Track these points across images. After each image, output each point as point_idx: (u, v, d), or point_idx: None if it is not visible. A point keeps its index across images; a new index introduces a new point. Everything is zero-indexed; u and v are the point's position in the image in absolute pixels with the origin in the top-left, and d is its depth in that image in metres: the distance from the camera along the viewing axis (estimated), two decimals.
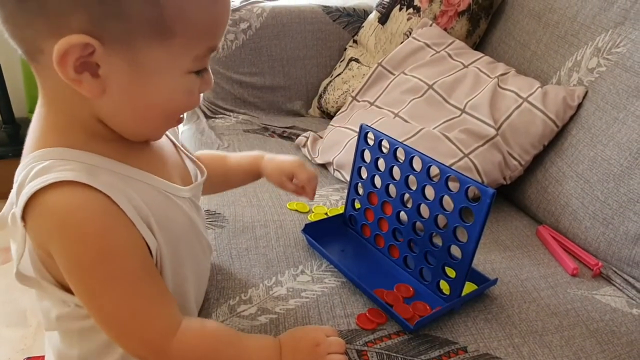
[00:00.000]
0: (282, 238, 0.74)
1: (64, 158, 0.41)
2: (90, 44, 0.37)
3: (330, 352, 0.49)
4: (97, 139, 0.44)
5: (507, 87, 0.93)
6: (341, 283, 0.66)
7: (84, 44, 0.37)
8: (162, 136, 0.51)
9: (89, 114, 0.43)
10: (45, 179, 0.39)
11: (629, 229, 0.72)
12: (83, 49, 0.37)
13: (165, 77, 0.42)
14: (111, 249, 0.41)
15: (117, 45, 0.38)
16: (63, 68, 0.38)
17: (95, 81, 0.40)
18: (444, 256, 0.61)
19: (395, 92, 1.03)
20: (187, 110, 0.48)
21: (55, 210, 0.39)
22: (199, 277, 0.58)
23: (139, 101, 0.42)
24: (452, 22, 1.14)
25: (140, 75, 0.41)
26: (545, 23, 0.98)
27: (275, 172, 0.68)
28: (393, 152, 0.66)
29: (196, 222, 0.53)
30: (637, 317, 0.65)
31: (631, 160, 0.74)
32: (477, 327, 0.60)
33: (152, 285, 0.45)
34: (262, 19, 1.24)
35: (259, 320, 0.58)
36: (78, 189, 0.39)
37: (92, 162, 0.42)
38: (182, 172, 0.55)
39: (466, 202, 0.58)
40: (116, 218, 0.41)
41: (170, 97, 0.43)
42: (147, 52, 0.40)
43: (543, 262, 0.75)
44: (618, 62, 0.81)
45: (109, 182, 0.41)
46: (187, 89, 0.44)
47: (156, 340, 0.45)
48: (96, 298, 0.43)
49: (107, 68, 0.39)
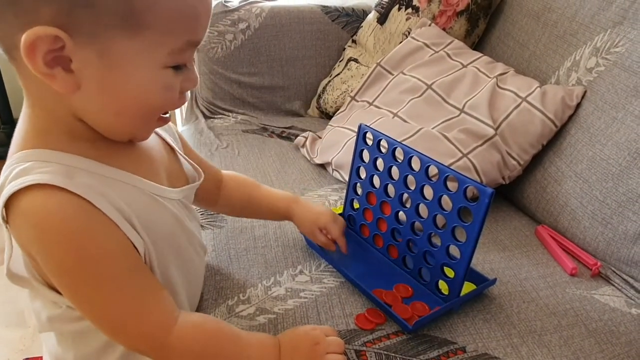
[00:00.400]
0: (280, 238, 0.74)
1: (45, 160, 0.41)
2: (59, 37, 0.37)
3: (329, 352, 0.49)
4: (78, 140, 0.44)
5: (506, 87, 0.93)
6: (340, 283, 0.66)
7: (52, 36, 0.36)
8: (147, 136, 0.49)
9: (67, 112, 0.42)
10: (23, 181, 0.39)
11: (627, 228, 0.72)
12: (52, 42, 0.37)
13: (138, 71, 0.41)
14: (91, 251, 0.41)
15: (86, 37, 0.38)
16: (32, 61, 0.37)
17: (69, 76, 0.39)
18: (443, 256, 0.61)
19: (394, 92, 1.02)
20: (169, 108, 0.46)
21: (30, 214, 0.39)
22: (190, 279, 0.57)
23: (113, 96, 0.41)
24: (451, 22, 1.14)
25: (112, 69, 0.40)
26: (544, 23, 0.98)
27: (307, 222, 0.68)
28: (392, 152, 0.66)
29: (185, 224, 0.53)
30: (636, 317, 0.65)
31: (630, 160, 0.74)
32: (476, 327, 0.59)
33: (141, 281, 0.45)
34: (260, 19, 1.24)
35: (257, 321, 0.58)
36: (54, 192, 0.39)
37: (72, 163, 0.42)
38: (174, 174, 0.54)
39: (465, 202, 0.58)
40: (94, 220, 0.41)
41: (145, 93, 0.42)
42: (117, 45, 0.39)
43: (542, 262, 0.75)
44: (617, 61, 0.81)
45: (87, 184, 0.41)
46: (164, 85, 0.43)
47: (154, 333, 0.45)
48: (84, 300, 0.43)
49: (79, 62, 0.39)
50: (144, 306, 0.44)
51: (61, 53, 0.38)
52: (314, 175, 0.96)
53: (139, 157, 0.50)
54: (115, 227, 0.42)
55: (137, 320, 0.44)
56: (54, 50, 0.37)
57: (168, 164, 0.54)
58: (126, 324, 0.44)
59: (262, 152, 1.05)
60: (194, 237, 0.56)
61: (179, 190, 0.52)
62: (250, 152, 1.04)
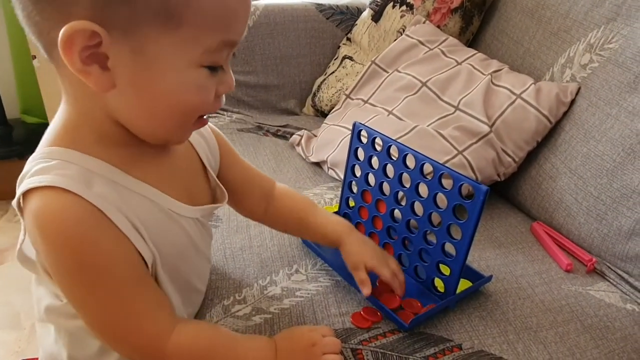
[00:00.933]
0: (276, 237, 0.74)
1: (68, 160, 0.41)
2: (96, 32, 0.36)
3: (325, 352, 0.49)
4: (106, 143, 0.43)
5: (501, 84, 0.93)
6: (336, 282, 0.65)
7: (89, 31, 0.36)
8: (183, 140, 0.48)
9: (101, 112, 0.42)
10: (40, 180, 0.39)
11: (622, 224, 0.72)
12: (89, 38, 0.37)
13: (172, 69, 0.40)
14: (93, 258, 0.41)
15: (122, 33, 0.37)
16: (69, 57, 0.37)
17: (104, 74, 0.39)
18: (438, 254, 0.61)
19: (389, 89, 1.02)
20: (204, 111, 0.45)
21: (36, 214, 0.40)
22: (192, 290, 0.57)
23: (147, 95, 0.41)
24: (445, 19, 1.14)
25: (146, 66, 0.39)
26: (538, 20, 0.98)
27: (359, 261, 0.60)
28: (386, 149, 0.66)
29: (197, 242, 0.52)
30: (631, 312, 0.65)
31: (624, 156, 0.74)
32: (472, 324, 0.60)
33: (142, 293, 0.44)
34: (254, 17, 1.23)
35: (253, 321, 0.58)
36: (66, 196, 0.39)
37: (94, 168, 0.42)
38: (199, 190, 0.54)
39: (460, 199, 0.58)
40: (102, 229, 0.41)
41: (178, 92, 0.41)
42: (152, 42, 0.38)
43: (537, 259, 0.75)
44: (610, 57, 0.81)
45: (103, 193, 0.41)
46: (198, 85, 0.41)
47: (149, 345, 0.45)
48: (80, 303, 0.43)
49: (115, 59, 0.38)
50: (142, 316, 0.44)
51: (98, 50, 0.37)
52: (310, 173, 0.96)
53: (163, 168, 0.49)
54: (124, 238, 0.42)
55: (131, 331, 0.44)
56: (91, 46, 0.37)
57: (193, 179, 0.53)
58: (119, 332, 0.44)
59: (258, 150, 1.05)
60: (203, 255, 0.56)
61: (198, 209, 0.51)
62: (246, 151, 1.04)
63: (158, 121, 0.43)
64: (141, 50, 0.38)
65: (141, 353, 0.45)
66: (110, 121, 0.43)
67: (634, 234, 0.71)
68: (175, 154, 0.51)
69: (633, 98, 0.76)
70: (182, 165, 0.52)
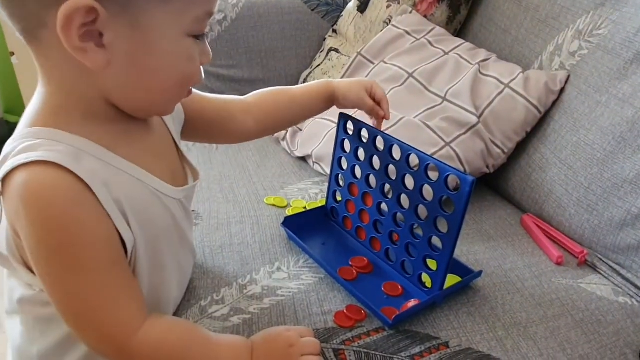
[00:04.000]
0: (258, 234, 0.71)
1: (55, 139, 0.41)
2: (94, 8, 0.37)
3: (304, 354, 0.47)
4: (92, 123, 0.43)
5: (489, 74, 0.90)
6: (319, 279, 0.63)
7: (87, 7, 0.36)
8: (171, 111, 0.49)
9: (91, 90, 0.42)
10: (28, 157, 0.39)
11: (613, 214, 0.70)
12: (86, 15, 0.37)
13: (167, 39, 0.41)
14: (74, 238, 0.40)
15: (119, 8, 0.38)
16: (67, 34, 0.37)
17: (100, 51, 0.39)
18: (425, 248, 0.59)
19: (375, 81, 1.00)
20: (195, 82, 0.46)
21: (25, 187, 0.39)
22: (179, 279, 0.56)
23: (144, 68, 0.42)
24: (432, 8, 1.11)
25: (143, 38, 0.40)
26: (526, 7, 0.96)
27: (355, 86, 0.67)
28: (372, 140, 0.64)
29: (182, 225, 0.52)
30: (623, 305, 0.63)
31: (614, 145, 0.72)
32: (460, 320, 0.57)
33: (117, 278, 0.43)
34: (237, 9, 1.20)
35: (231, 322, 0.56)
36: (57, 172, 0.39)
37: (81, 146, 0.42)
38: (176, 171, 0.53)
39: (446, 191, 0.55)
40: (87, 207, 0.40)
41: (173, 63, 0.43)
42: (149, 13, 0.39)
43: (527, 252, 0.73)
44: (600, 44, 0.79)
45: (92, 169, 0.41)
46: (188, 55, 0.43)
47: (116, 335, 0.43)
48: (55, 284, 0.42)
49: (111, 35, 0.39)
50: (113, 304, 0.43)
51: (93, 27, 0.38)
52: (295, 168, 0.93)
53: (148, 148, 0.49)
54: (107, 218, 0.41)
55: (101, 318, 0.43)
56: (87, 23, 0.37)
57: (173, 159, 0.54)
58: (90, 319, 0.43)
59: (242, 146, 1.02)
60: (187, 240, 0.55)
61: (181, 189, 0.51)
62: (229, 147, 1.01)
63: (154, 95, 0.44)
64: (138, 24, 0.39)
65: (106, 343, 0.44)
66: (100, 99, 0.43)
67: (626, 224, 0.69)
68: (156, 132, 0.51)
69: (623, 85, 0.74)
70: (163, 144, 0.52)
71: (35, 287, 0.46)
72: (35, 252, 0.41)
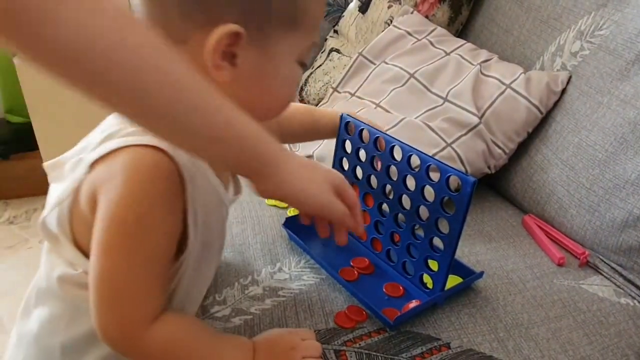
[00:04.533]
0: (259, 235, 0.71)
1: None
2: (241, 34, 0.40)
3: (305, 356, 0.47)
4: None
5: (490, 74, 0.90)
6: (320, 280, 0.63)
7: (237, 32, 0.40)
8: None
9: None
10: (142, 139, 0.41)
11: (615, 215, 0.70)
12: (231, 38, 0.41)
13: (284, 66, 0.45)
14: (151, 221, 0.42)
15: (256, 34, 0.42)
16: (215, 53, 0.41)
17: (231, 69, 0.43)
18: (426, 249, 0.59)
19: (376, 82, 1.00)
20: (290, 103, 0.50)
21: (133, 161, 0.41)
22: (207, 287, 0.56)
23: (263, 88, 0.45)
24: (434, 9, 1.11)
25: (267, 62, 0.44)
26: (528, 7, 0.96)
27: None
28: (373, 141, 0.64)
29: (224, 234, 0.54)
30: (625, 307, 0.63)
31: (616, 145, 0.72)
32: (461, 321, 0.57)
33: (160, 271, 0.44)
34: None
35: (232, 322, 0.56)
36: (162, 158, 0.41)
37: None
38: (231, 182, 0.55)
39: (447, 192, 0.55)
40: (173, 199, 0.42)
41: (286, 86, 0.47)
42: (277, 42, 0.43)
43: (529, 253, 0.73)
44: (601, 45, 0.79)
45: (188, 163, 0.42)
46: (296, 80, 0.48)
47: (135, 322, 0.43)
48: (104, 254, 0.42)
49: (243, 56, 0.42)
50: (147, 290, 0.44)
51: (230, 49, 0.41)
52: None
53: None
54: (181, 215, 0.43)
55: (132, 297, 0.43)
56: (231, 44, 0.41)
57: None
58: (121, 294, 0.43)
59: None
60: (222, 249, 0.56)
61: (233, 198, 0.53)
62: None
63: (259, 112, 0.45)
64: (266, 50, 0.43)
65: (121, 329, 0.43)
66: None
67: (627, 225, 0.69)
68: None
69: (625, 86, 0.74)
70: None
71: (77, 268, 0.47)
72: (107, 216, 0.41)
